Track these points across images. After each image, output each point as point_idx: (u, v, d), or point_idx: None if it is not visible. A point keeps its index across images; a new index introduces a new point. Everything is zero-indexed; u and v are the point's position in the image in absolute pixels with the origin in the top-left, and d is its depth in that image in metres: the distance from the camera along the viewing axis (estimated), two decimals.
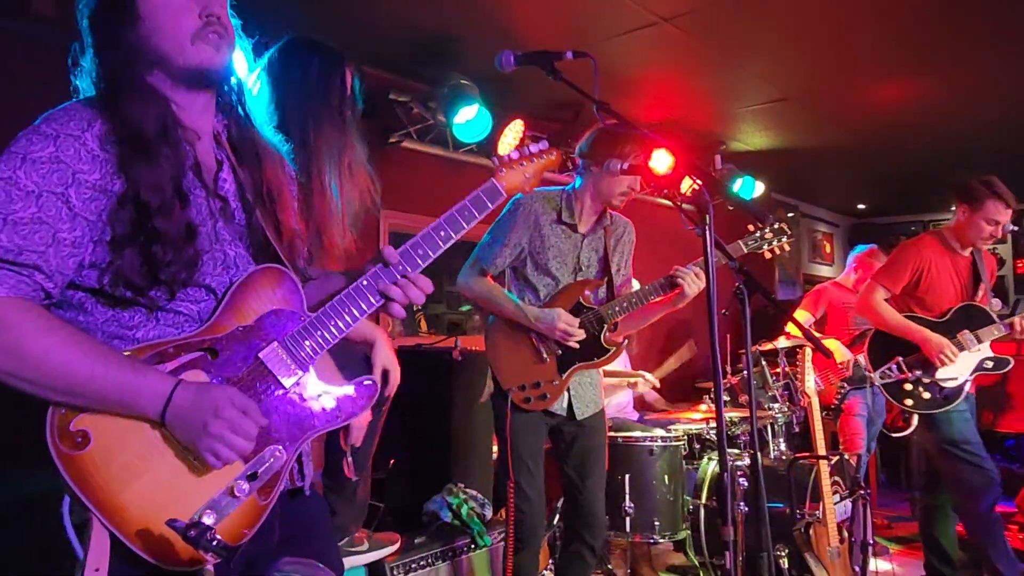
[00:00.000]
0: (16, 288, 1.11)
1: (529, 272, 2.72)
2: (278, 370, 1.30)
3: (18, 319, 1.11)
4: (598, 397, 2.80)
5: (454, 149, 4.50)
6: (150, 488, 1.17)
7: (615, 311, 2.66)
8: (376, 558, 2.65)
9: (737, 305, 1.93)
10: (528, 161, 1.60)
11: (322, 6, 3.31)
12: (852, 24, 3.67)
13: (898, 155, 6.13)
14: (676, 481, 3.72)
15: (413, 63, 4.08)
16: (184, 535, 1.11)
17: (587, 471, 2.73)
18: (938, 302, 3.51)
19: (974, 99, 4.76)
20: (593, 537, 2.75)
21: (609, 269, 2.75)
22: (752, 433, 1.91)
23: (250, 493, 1.23)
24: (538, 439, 2.71)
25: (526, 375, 2.65)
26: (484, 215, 1.51)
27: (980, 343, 3.40)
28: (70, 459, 1.13)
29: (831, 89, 4.64)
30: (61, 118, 1.18)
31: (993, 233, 3.47)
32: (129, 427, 1.18)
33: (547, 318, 2.59)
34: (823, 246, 8.64)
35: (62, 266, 1.16)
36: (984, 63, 4.19)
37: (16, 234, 1.11)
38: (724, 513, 1.71)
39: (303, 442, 1.32)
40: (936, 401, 3.38)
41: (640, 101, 4.79)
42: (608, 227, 2.77)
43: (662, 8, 3.47)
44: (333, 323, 1.35)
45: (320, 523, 1.47)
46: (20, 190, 1.12)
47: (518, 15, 3.52)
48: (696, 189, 1.83)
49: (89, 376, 1.12)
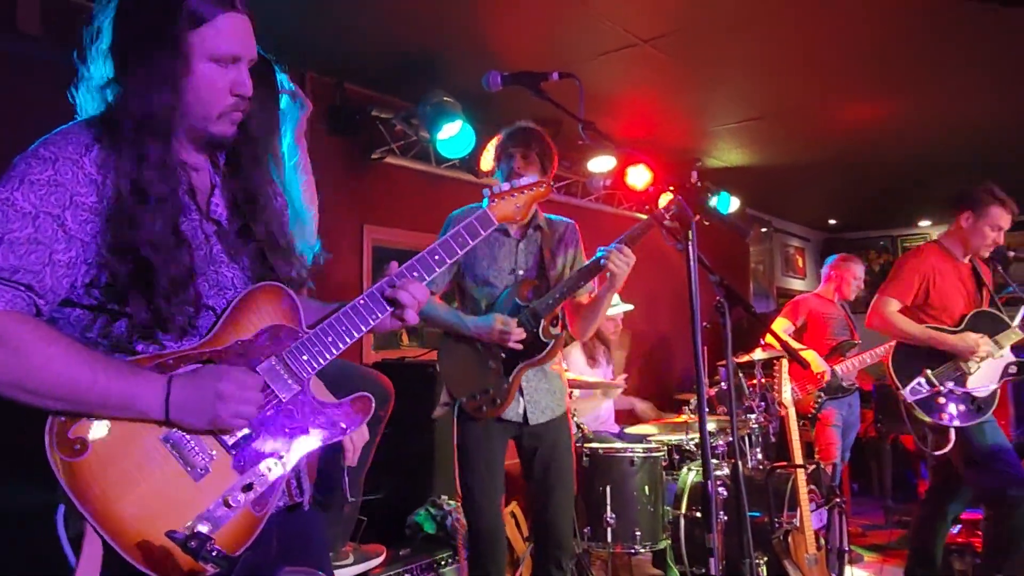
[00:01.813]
0: (12, 303, 1.12)
1: (468, 285, 2.71)
2: (275, 384, 1.30)
3: (18, 331, 1.12)
4: (556, 403, 2.71)
5: (437, 164, 4.52)
6: (147, 498, 1.17)
7: (548, 304, 2.59)
8: (362, 570, 2.65)
9: (717, 318, 1.97)
10: (519, 192, 1.63)
11: (305, 24, 3.32)
12: (823, 47, 3.76)
13: (867, 172, 6.25)
14: (656, 492, 3.73)
15: (396, 80, 4.10)
16: (184, 546, 1.11)
17: (550, 486, 2.66)
18: (949, 310, 3.43)
19: (938, 119, 4.87)
20: (560, 555, 2.68)
21: (545, 268, 2.70)
22: (733, 443, 1.94)
23: (245, 504, 1.23)
24: (493, 448, 2.64)
25: (475, 384, 2.62)
26: (477, 242, 1.54)
27: (1001, 349, 3.34)
28: (68, 466, 1.13)
29: (803, 109, 4.72)
30: (59, 142, 1.19)
31: (996, 240, 3.44)
32: (128, 436, 1.18)
33: (483, 324, 2.56)
34: (796, 260, 8.75)
35: (56, 286, 1.17)
36: (947, 85, 4.31)
37: (12, 253, 1.12)
38: (708, 522, 1.73)
39: (298, 455, 1.32)
40: (971, 413, 3.28)
41: (619, 119, 4.84)
42: (544, 229, 2.74)
43: (641, 30, 3.53)
44: (331, 339, 1.36)
45: (317, 535, 1.47)
46: (18, 211, 1.13)
47: (500, 34, 3.56)
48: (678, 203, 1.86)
49: (90, 383, 1.13)
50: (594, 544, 3.64)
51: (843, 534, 3.65)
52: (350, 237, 4.26)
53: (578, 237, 2.83)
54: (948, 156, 5.70)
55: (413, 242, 4.51)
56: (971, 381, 3.31)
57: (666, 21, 3.46)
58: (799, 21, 3.45)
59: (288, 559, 1.32)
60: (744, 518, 2.01)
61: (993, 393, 3.33)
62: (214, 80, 1.25)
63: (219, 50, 1.24)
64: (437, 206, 4.62)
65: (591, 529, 3.62)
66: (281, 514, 1.35)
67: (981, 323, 3.41)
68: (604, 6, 3.30)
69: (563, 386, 2.80)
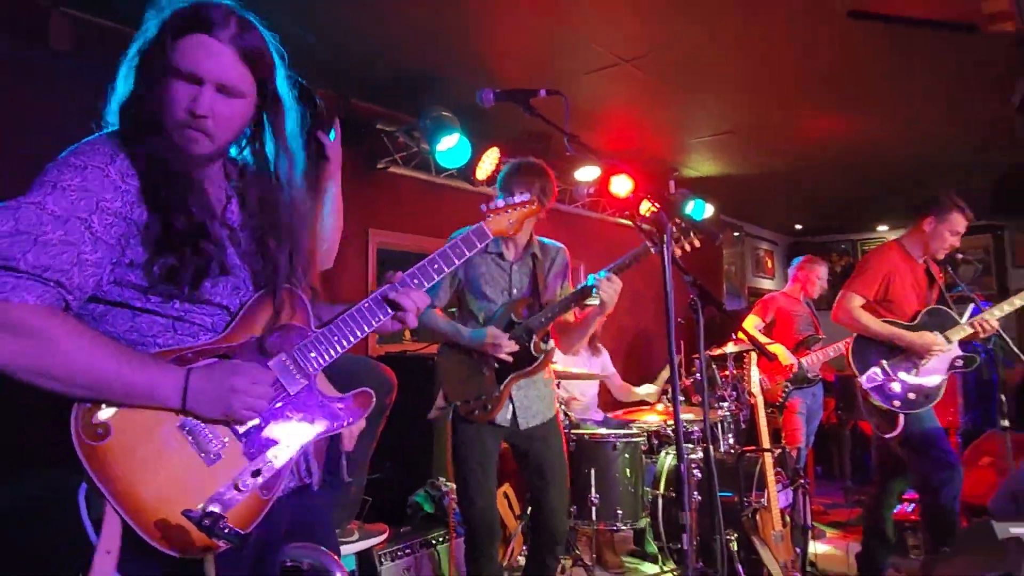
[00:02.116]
0: (42, 297, 1.11)
1: (468, 299, 2.71)
2: (285, 378, 1.30)
3: (48, 324, 1.10)
4: (546, 408, 2.71)
5: (436, 174, 4.51)
6: (163, 480, 1.16)
7: (540, 322, 2.60)
8: (366, 546, 2.64)
9: (691, 315, 1.96)
10: (512, 209, 1.63)
11: (316, 45, 3.31)
12: (788, 68, 3.77)
13: (830, 181, 6.26)
14: (637, 474, 3.74)
15: (399, 96, 4.09)
16: (199, 524, 1.10)
17: (545, 484, 2.66)
18: (904, 307, 3.45)
19: (893, 133, 4.88)
20: (555, 544, 2.69)
21: (538, 289, 2.71)
22: (705, 429, 1.94)
23: (253, 488, 1.22)
24: (486, 448, 2.64)
25: (469, 390, 2.62)
26: (473, 253, 1.54)
27: (950, 343, 3.36)
28: (92, 449, 1.13)
29: (771, 124, 4.73)
30: (88, 151, 1.19)
31: (953, 244, 3.44)
32: (148, 423, 1.17)
33: (478, 336, 2.57)
34: (765, 262, 8.77)
35: (83, 283, 1.16)
36: (899, 104, 4.32)
37: (45, 253, 1.11)
38: (682, 501, 1.72)
39: (304, 444, 1.32)
40: (919, 401, 3.30)
41: (604, 132, 4.84)
42: (538, 255, 2.74)
43: (623, 50, 3.53)
44: (337, 338, 1.35)
45: (324, 514, 1.47)
46: (50, 215, 1.13)
47: (494, 54, 3.56)
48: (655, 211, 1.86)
49: (115, 374, 1.13)
50: (579, 522, 3.64)
51: (807, 512, 3.65)
52: (356, 240, 4.24)
53: (567, 262, 2.83)
54: (900, 168, 5.73)
55: (415, 245, 4.50)
56: (922, 372, 3.32)
57: (646, 43, 3.45)
58: (766, 45, 3.46)
59: (296, 536, 1.31)
60: (715, 498, 2.01)
61: (940, 383, 3.34)
62: (173, 92, 1.22)
63: (180, 65, 1.21)
64: (437, 211, 4.62)
65: (577, 508, 3.62)
66: (291, 495, 1.34)
67: (933, 319, 3.42)
68: (589, 29, 3.29)
69: (552, 391, 2.80)
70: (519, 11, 3.11)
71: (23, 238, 1.10)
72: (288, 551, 1.26)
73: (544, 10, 3.10)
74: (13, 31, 2.75)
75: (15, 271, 1.09)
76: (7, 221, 1.11)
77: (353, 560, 2.64)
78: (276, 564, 1.25)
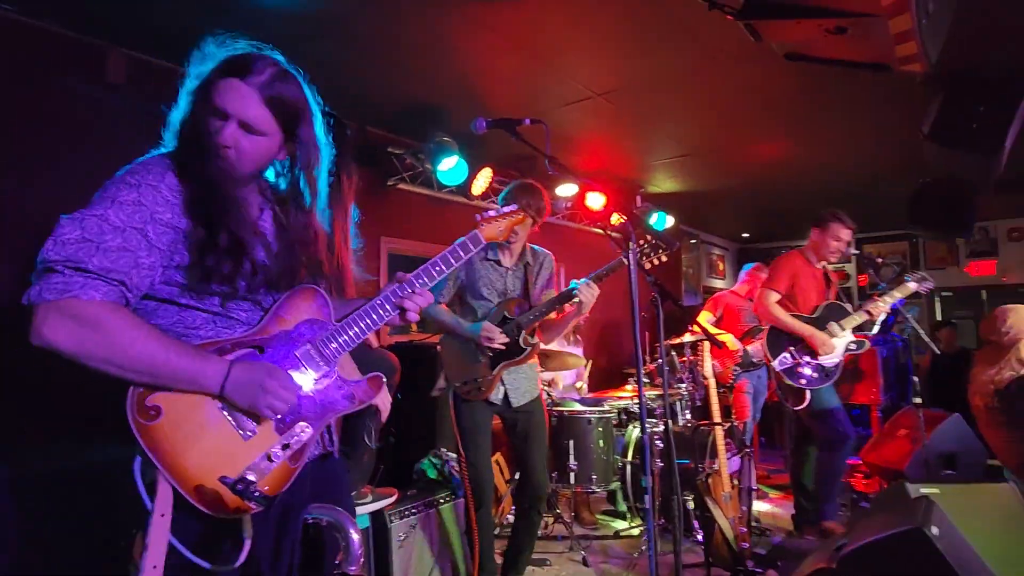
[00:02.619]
0: (108, 294, 1.12)
1: (468, 298, 2.73)
2: (310, 365, 1.30)
3: (112, 317, 1.11)
4: (532, 388, 2.75)
5: (439, 190, 4.51)
6: (206, 453, 1.17)
7: (528, 319, 2.64)
8: (378, 507, 2.64)
9: (653, 310, 1.99)
10: (503, 218, 1.63)
11: (333, 79, 3.30)
12: (737, 100, 3.79)
13: (772, 196, 6.30)
14: (608, 444, 3.76)
15: (407, 124, 4.09)
16: (233, 488, 1.11)
17: (530, 450, 2.70)
18: (806, 302, 3.58)
19: (824, 154, 4.92)
20: (538, 501, 2.73)
21: (528, 291, 2.74)
22: (664, 406, 1.96)
23: (283, 459, 1.23)
24: (483, 422, 2.67)
25: (466, 373, 2.65)
26: (468, 256, 1.54)
27: (844, 330, 3.47)
28: (145, 428, 1.13)
29: (722, 147, 4.75)
30: (141, 171, 1.19)
31: (839, 248, 3.55)
32: (193, 404, 1.18)
33: (475, 329, 2.60)
34: (717, 265, 8.81)
35: (140, 284, 1.17)
36: (833, 130, 4.36)
37: (106, 259, 1.12)
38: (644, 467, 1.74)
39: (326, 421, 1.32)
40: (821, 379, 3.44)
41: (580, 155, 4.85)
42: (530, 263, 2.78)
43: (596, 86, 3.55)
44: (354, 330, 1.36)
45: (342, 479, 1.48)
46: (110, 225, 1.13)
47: (487, 89, 3.56)
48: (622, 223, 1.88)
49: (165, 361, 1.13)
50: (560, 485, 3.67)
51: (752, 476, 3.68)
52: (370, 247, 4.24)
53: (552, 265, 2.86)
54: (831, 184, 5.76)
55: (421, 250, 4.50)
56: (822, 355, 3.43)
57: (616, 79, 3.47)
58: (717, 81, 3.48)
59: (318, 498, 1.32)
60: (673, 464, 2.03)
61: (837, 363, 3.44)
62: (208, 123, 1.24)
63: (216, 101, 1.23)
64: (439, 222, 4.63)
65: (557, 474, 3.65)
66: (315, 461, 1.35)
67: (830, 311, 3.55)
68: (567, 67, 3.31)
69: (537, 375, 2.83)
70: (509, 54, 3.13)
71: (89, 245, 1.11)
72: (311, 510, 1.27)
73: (530, 53, 3.12)
74: (77, 68, 2.74)
75: (84, 272, 1.10)
76: (75, 230, 1.11)
77: (367, 519, 2.64)
78: (299, 522, 1.26)
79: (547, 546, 3.65)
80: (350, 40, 2.94)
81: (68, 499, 1.79)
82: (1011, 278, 7.55)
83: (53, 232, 1.11)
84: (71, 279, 1.09)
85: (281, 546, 1.23)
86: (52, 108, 2.67)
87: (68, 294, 1.08)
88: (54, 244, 1.10)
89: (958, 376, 6.04)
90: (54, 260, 1.09)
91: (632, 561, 3.42)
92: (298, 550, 1.24)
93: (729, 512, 3.16)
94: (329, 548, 1.26)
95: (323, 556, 1.27)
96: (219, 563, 1.15)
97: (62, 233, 1.11)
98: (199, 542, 1.15)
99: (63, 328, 1.08)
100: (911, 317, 3.93)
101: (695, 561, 3.28)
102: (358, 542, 1.24)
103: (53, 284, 1.09)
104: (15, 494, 1.75)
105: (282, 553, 1.22)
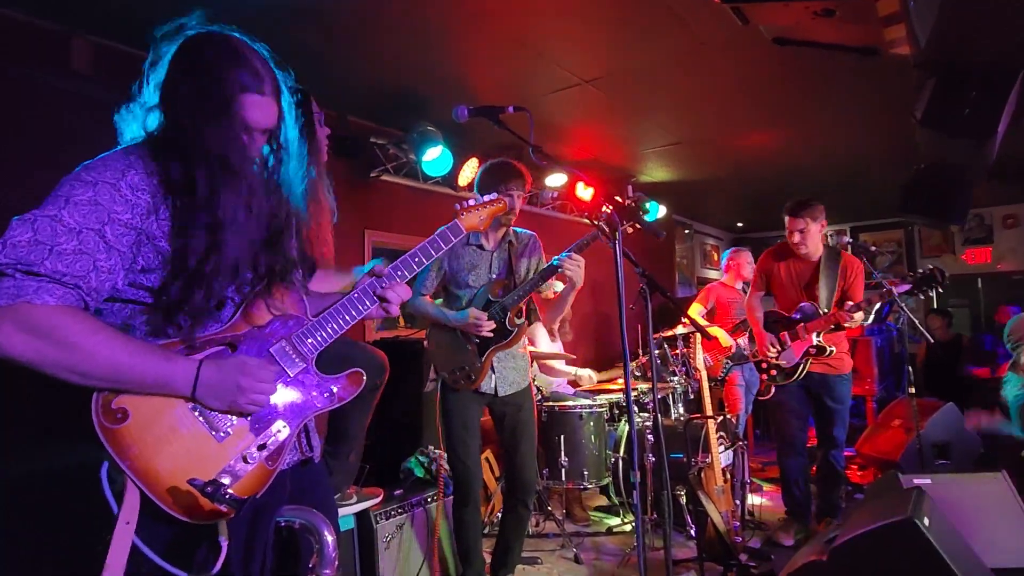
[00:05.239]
0: (63, 298, 1.09)
1: (452, 287, 2.72)
2: (285, 362, 1.29)
3: (69, 322, 1.08)
4: (521, 378, 2.72)
5: (423, 181, 4.48)
6: (178, 456, 1.15)
7: (513, 299, 2.60)
8: (363, 508, 2.63)
9: (642, 301, 1.98)
10: (482, 207, 1.62)
11: (316, 68, 3.27)
12: (727, 88, 3.80)
13: (764, 185, 6.33)
14: (600, 439, 3.77)
15: (389, 113, 4.06)
16: (202, 491, 1.09)
17: (517, 443, 2.69)
18: (783, 300, 3.64)
19: (817, 142, 4.95)
20: (526, 495, 2.72)
21: (513, 272, 2.71)
22: (654, 400, 1.97)
23: (260, 460, 1.22)
24: (471, 414, 2.65)
25: (454, 362, 2.63)
26: (449, 247, 1.53)
27: (808, 334, 3.48)
28: (111, 432, 1.11)
29: (713, 135, 4.76)
30: (100, 168, 1.15)
31: (795, 240, 3.54)
32: (162, 405, 1.16)
33: (461, 317, 2.58)
34: (712, 255, 8.85)
35: (99, 287, 1.13)
36: (823, 119, 4.38)
37: (60, 262, 1.09)
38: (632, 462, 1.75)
39: (304, 420, 1.31)
40: (780, 377, 3.58)
41: (569, 144, 4.85)
42: (513, 242, 2.74)
43: (584, 72, 3.53)
44: (331, 325, 1.34)
45: (322, 482, 1.46)
46: (65, 227, 1.10)
47: (472, 76, 3.54)
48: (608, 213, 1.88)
49: (130, 366, 1.10)
50: (551, 482, 3.68)
51: (745, 469, 3.72)
52: (354, 240, 4.21)
53: (539, 246, 2.83)
54: (824, 172, 5.80)
55: (405, 243, 4.48)
56: (782, 356, 3.56)
57: (603, 66, 3.46)
58: (707, 68, 3.48)
59: (298, 500, 1.30)
60: (663, 458, 2.04)
61: (797, 364, 3.53)
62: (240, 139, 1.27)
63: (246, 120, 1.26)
64: (424, 214, 4.60)
65: (549, 470, 3.65)
66: (296, 467, 1.34)
67: (803, 313, 3.54)
68: (554, 53, 3.29)
69: (527, 364, 2.81)
70: (493, 40, 3.10)
71: (40, 248, 1.08)
72: (282, 512, 1.26)
73: (516, 39, 3.10)
74: (39, 56, 2.68)
75: (36, 275, 1.07)
76: (25, 232, 1.08)
77: (352, 520, 2.63)
78: (270, 524, 1.24)
79: (538, 544, 3.66)
80: (330, 25, 2.91)
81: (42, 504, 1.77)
82: (1006, 265, 7.64)
83: (3, 235, 1.08)
84: (23, 283, 1.06)
85: (253, 547, 1.21)
86: (12, 99, 2.60)
87: (21, 299, 1.05)
88: (3, 247, 1.06)
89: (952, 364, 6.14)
90: (3, 264, 1.06)
91: (625, 557, 3.44)
92: (271, 552, 1.22)
93: (722, 506, 3.18)
94: (303, 551, 1.25)
95: (297, 559, 1.26)
96: (194, 571, 1.13)
97: (12, 235, 1.08)
98: (173, 549, 1.13)
99: (17, 336, 1.04)
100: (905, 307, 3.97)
101: (688, 556, 3.30)
102: (332, 544, 1.22)
103: (4, 289, 1.05)
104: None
105: (254, 554, 1.21)
